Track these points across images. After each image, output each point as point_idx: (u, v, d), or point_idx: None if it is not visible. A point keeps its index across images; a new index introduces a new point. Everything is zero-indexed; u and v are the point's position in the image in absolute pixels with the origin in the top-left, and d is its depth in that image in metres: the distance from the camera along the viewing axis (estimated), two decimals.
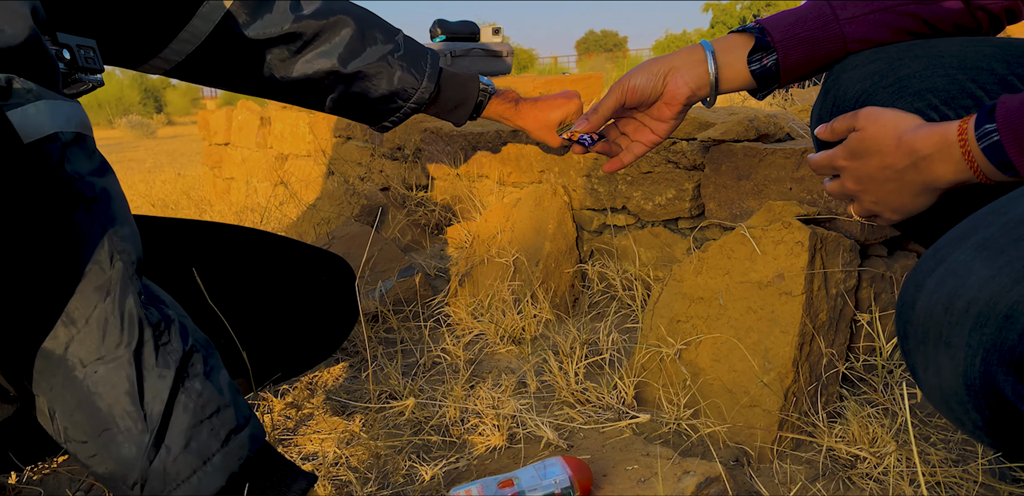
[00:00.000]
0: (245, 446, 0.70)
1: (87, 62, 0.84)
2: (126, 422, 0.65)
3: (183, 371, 0.67)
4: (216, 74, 1.25)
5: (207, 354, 0.71)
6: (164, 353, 0.67)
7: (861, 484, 0.95)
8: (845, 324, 1.12)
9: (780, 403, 1.02)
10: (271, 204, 2.73)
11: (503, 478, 0.90)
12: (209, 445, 0.68)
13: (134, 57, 1.18)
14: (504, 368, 1.37)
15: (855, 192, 0.76)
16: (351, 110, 1.35)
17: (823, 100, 0.85)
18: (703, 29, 25.94)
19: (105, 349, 0.64)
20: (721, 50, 0.91)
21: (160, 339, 0.67)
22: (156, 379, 0.66)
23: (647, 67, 0.95)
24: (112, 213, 0.69)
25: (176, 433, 0.66)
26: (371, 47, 1.27)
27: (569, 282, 1.57)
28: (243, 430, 0.70)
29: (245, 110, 3.54)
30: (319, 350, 1.20)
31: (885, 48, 0.81)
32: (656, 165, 1.44)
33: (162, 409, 0.66)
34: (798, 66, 0.88)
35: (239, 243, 1.15)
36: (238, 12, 1.18)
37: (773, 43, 0.87)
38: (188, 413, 0.67)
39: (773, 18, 0.89)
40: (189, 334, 0.70)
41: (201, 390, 0.68)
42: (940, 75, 0.76)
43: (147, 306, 0.68)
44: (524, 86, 2.36)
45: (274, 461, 0.74)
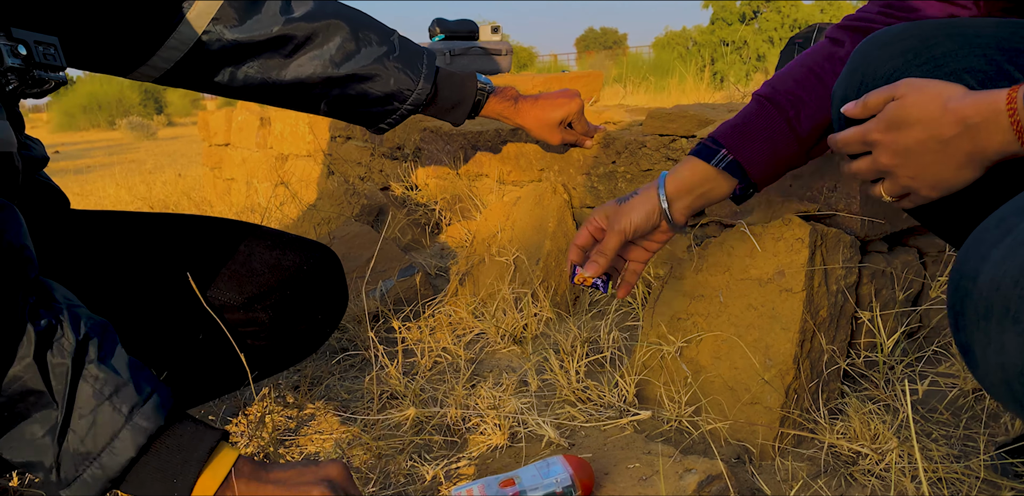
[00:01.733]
0: (151, 418, 0.73)
1: (46, 58, 0.83)
2: (40, 411, 0.70)
3: (79, 359, 0.71)
4: (207, 80, 1.24)
5: (103, 339, 0.74)
6: (59, 347, 0.70)
7: (863, 481, 0.95)
8: (846, 320, 1.12)
9: (781, 400, 1.02)
10: (271, 204, 2.73)
11: (504, 477, 0.90)
12: (114, 422, 0.71)
13: (122, 65, 1.17)
14: (505, 367, 1.37)
15: (890, 167, 0.73)
16: (346, 113, 1.34)
17: (849, 78, 0.81)
18: (703, 25, 25.91)
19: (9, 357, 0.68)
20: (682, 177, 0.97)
21: (54, 335, 0.71)
22: (57, 371, 0.70)
23: (638, 207, 0.98)
24: (16, 227, 0.72)
25: (80, 416, 0.70)
26: (365, 49, 1.26)
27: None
28: (147, 403, 0.74)
29: (245, 111, 3.53)
30: (305, 343, 1.19)
31: (916, 24, 0.78)
32: (656, 163, 1.43)
33: (65, 396, 0.70)
34: (760, 161, 0.94)
35: (210, 233, 1.14)
36: (226, 16, 1.16)
37: (725, 144, 0.95)
38: (89, 396, 0.71)
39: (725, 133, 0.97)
40: (82, 323, 0.73)
41: (98, 374, 0.72)
42: (977, 55, 0.73)
43: (38, 309, 0.71)
44: (524, 84, 2.36)
45: (184, 426, 0.77)
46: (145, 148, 11.60)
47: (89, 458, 0.71)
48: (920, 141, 0.69)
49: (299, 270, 1.13)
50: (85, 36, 1.09)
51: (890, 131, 0.71)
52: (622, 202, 0.99)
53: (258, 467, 0.80)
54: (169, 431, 0.75)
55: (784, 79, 0.96)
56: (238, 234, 1.14)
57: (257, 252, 1.12)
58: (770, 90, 0.96)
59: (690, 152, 0.98)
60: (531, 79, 2.26)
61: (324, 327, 1.19)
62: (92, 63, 1.15)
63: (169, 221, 1.15)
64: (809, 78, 0.94)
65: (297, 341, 1.16)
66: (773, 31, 22.51)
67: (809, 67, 0.95)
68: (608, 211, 1.00)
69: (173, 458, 0.74)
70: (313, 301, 1.15)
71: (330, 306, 1.19)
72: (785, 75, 0.96)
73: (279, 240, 1.15)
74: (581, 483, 0.88)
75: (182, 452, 0.75)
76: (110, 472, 0.72)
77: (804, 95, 0.94)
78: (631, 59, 13.45)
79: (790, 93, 0.94)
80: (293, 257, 1.13)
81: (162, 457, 0.74)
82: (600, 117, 1.75)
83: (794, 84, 0.94)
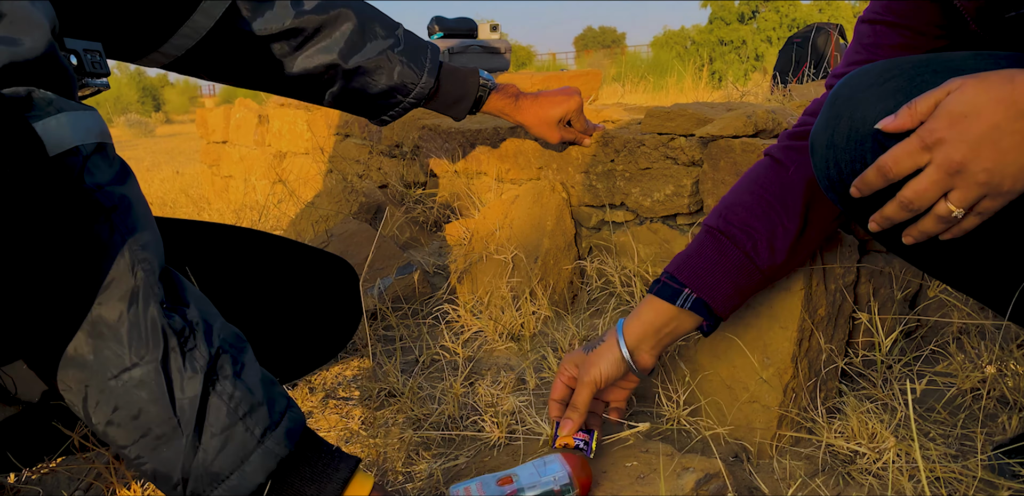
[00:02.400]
0: (282, 443, 0.70)
1: (94, 67, 0.84)
2: (162, 428, 0.66)
3: (212, 374, 0.68)
4: (215, 68, 1.25)
5: (236, 353, 0.71)
6: (191, 358, 0.67)
7: (860, 479, 0.95)
8: (844, 320, 1.12)
9: (779, 399, 1.02)
10: (269, 202, 2.73)
11: (502, 475, 0.90)
12: (245, 444, 0.68)
13: (133, 51, 1.17)
14: (503, 365, 1.37)
15: (963, 163, 0.65)
16: (350, 104, 1.35)
17: (835, 126, 0.76)
18: (701, 25, 25.91)
19: (133, 358, 0.65)
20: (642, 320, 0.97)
21: (186, 345, 0.67)
22: (185, 384, 0.66)
23: (605, 355, 0.97)
24: (132, 222, 0.69)
25: (211, 435, 0.67)
26: (371, 42, 1.26)
27: (568, 279, 1.57)
28: (279, 426, 0.71)
29: (243, 108, 3.53)
30: (321, 352, 1.20)
31: (893, 64, 0.75)
32: (654, 161, 1.43)
33: (195, 413, 0.66)
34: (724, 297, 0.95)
35: (239, 244, 1.15)
36: (240, 8, 1.17)
37: (687, 283, 0.95)
38: (221, 415, 0.67)
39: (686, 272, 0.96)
40: (215, 335, 0.70)
41: (232, 392, 0.68)
42: None
43: (170, 313, 0.68)
44: (522, 82, 2.35)
45: (315, 451, 0.74)
46: (143, 145, 11.58)
47: (219, 479, 0.68)
48: (994, 125, 0.63)
49: (319, 282, 1.14)
50: (104, 24, 1.08)
51: (956, 124, 0.65)
52: (589, 351, 0.99)
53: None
54: (303, 457, 0.72)
55: (735, 209, 0.96)
56: (260, 244, 1.15)
57: (278, 262, 1.12)
58: (723, 223, 0.95)
59: (650, 290, 0.97)
60: (530, 77, 2.26)
61: (340, 337, 1.21)
62: (104, 49, 1.16)
63: (188, 228, 1.15)
64: (760, 205, 0.94)
65: (314, 350, 1.17)
66: (771, 31, 22.53)
67: (759, 194, 0.95)
68: (577, 360, 1.00)
69: (306, 489, 0.71)
70: (330, 311, 1.17)
71: (346, 316, 1.21)
72: (735, 204, 0.96)
73: (301, 251, 1.17)
74: (579, 481, 0.88)
75: (316, 483, 0.72)
76: (240, 494, 0.69)
77: (758, 225, 0.94)
78: (629, 58, 13.45)
79: (744, 224, 0.94)
80: (315, 268, 1.15)
81: (295, 488, 0.71)
82: (599, 116, 1.75)
83: (747, 214, 0.94)
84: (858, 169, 0.74)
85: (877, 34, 0.93)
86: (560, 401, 1.01)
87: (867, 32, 0.95)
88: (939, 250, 0.77)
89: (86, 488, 1.06)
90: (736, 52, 22.39)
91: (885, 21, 0.93)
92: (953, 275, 0.90)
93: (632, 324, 0.97)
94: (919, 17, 0.90)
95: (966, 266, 0.85)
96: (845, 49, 4.27)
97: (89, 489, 1.06)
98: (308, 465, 0.72)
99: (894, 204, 0.71)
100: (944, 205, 0.68)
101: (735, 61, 20.64)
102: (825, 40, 4.26)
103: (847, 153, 0.75)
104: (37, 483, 1.08)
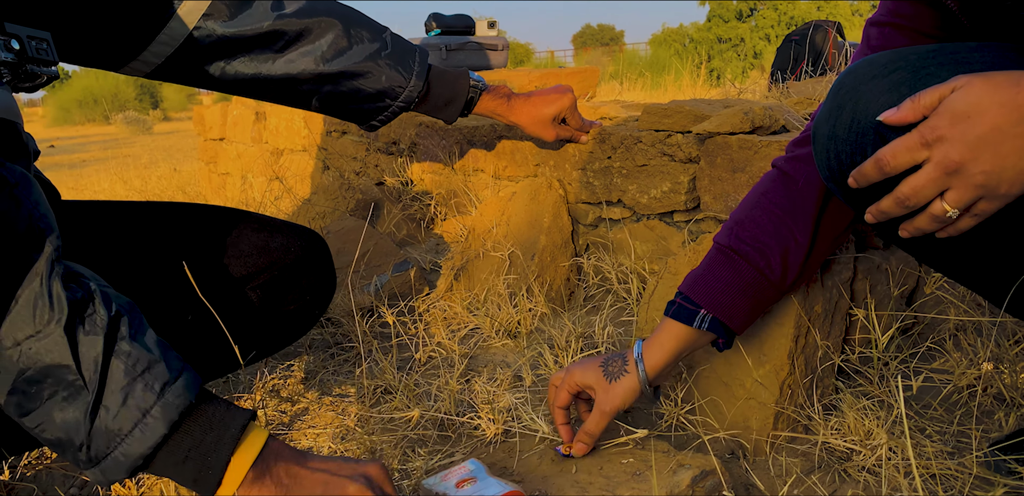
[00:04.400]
0: (182, 395, 0.72)
1: (39, 53, 0.84)
2: (68, 389, 0.69)
3: (112, 336, 0.71)
4: (198, 75, 1.24)
5: (131, 317, 0.74)
6: (91, 322, 0.70)
7: (856, 476, 0.95)
8: (841, 316, 1.12)
9: (776, 396, 1.02)
10: (266, 199, 2.72)
11: (464, 476, 0.92)
12: (145, 399, 0.70)
13: (113, 60, 1.17)
14: (500, 362, 1.37)
15: (961, 163, 0.64)
16: (338, 109, 1.34)
17: (837, 116, 0.76)
18: (700, 23, 25.88)
19: (37, 326, 0.67)
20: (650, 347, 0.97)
21: (86, 310, 0.70)
22: (88, 345, 0.69)
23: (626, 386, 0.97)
24: (35, 197, 0.71)
25: (112, 393, 0.70)
26: (357, 46, 1.26)
27: (565, 276, 1.57)
28: (177, 381, 0.73)
29: (240, 105, 3.52)
30: (296, 325, 1.20)
31: (899, 55, 0.75)
32: (651, 158, 1.43)
33: (98, 372, 0.69)
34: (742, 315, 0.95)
35: (197, 218, 1.15)
36: (217, 12, 1.16)
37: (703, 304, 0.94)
38: (119, 373, 0.70)
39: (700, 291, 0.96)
40: (112, 301, 0.73)
41: (130, 351, 0.71)
42: None
43: (69, 283, 0.70)
44: (520, 79, 2.35)
45: (211, 402, 0.76)
46: (141, 143, 11.56)
47: (120, 435, 0.70)
48: (996, 127, 0.62)
49: (287, 251, 1.14)
50: (77, 31, 1.08)
51: (957, 123, 0.64)
52: (609, 377, 0.98)
53: (297, 452, 0.79)
54: (199, 410, 0.74)
55: (746, 225, 0.95)
56: (226, 218, 1.15)
57: (245, 235, 1.13)
58: (735, 240, 0.95)
59: (667, 313, 0.97)
60: (527, 74, 2.26)
61: (313, 309, 1.21)
62: (83, 58, 1.15)
63: (157, 208, 1.16)
64: (771, 221, 0.94)
65: (287, 323, 1.18)
66: (770, 28, 22.53)
67: (768, 210, 0.95)
68: (592, 380, 0.99)
69: (205, 437, 0.73)
70: (302, 282, 1.16)
71: (319, 288, 1.20)
72: (745, 220, 0.96)
73: (267, 223, 1.17)
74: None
75: (214, 431, 0.74)
76: (142, 449, 0.71)
77: (770, 241, 0.93)
78: (628, 56, 13.44)
79: (756, 241, 0.94)
80: (281, 239, 1.15)
81: (194, 436, 0.73)
82: (596, 113, 1.75)
83: (758, 230, 0.94)
84: (858, 161, 0.73)
85: (885, 37, 0.93)
86: (564, 408, 1.02)
87: (875, 34, 0.94)
88: (937, 242, 0.77)
89: (81, 485, 1.06)
90: (734, 50, 22.40)
91: (892, 23, 0.92)
92: (950, 266, 0.90)
93: (653, 352, 0.96)
94: (921, 20, 0.90)
95: (964, 258, 0.85)
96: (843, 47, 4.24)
97: (84, 487, 1.06)
98: (206, 417, 0.74)
99: (890, 199, 0.70)
100: (939, 204, 0.68)
101: (733, 59, 20.65)
102: (823, 38, 4.26)
103: (848, 144, 0.75)
104: (32, 480, 1.07)
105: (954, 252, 0.84)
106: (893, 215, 0.72)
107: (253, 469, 0.75)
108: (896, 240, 0.89)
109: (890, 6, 0.93)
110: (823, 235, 0.95)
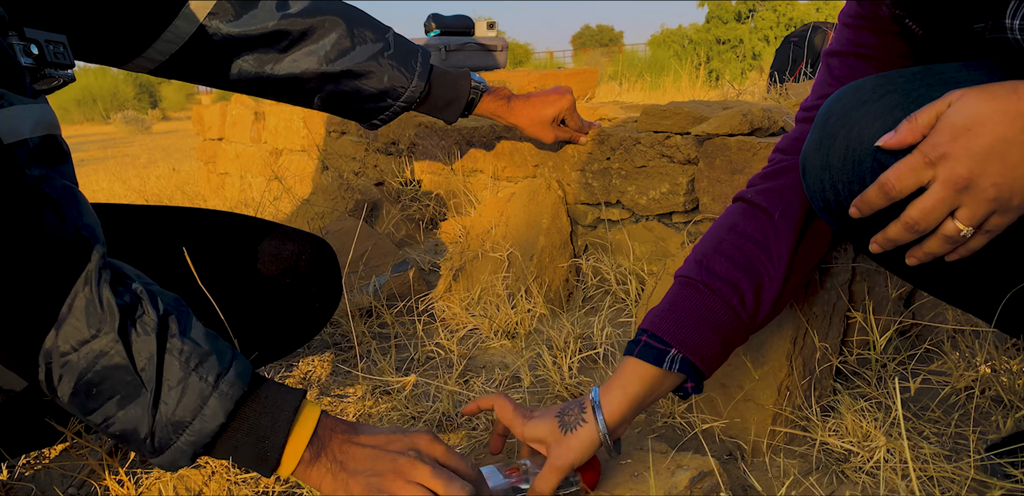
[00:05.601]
0: (235, 384, 0.76)
1: (56, 58, 0.85)
2: (127, 389, 0.72)
3: (163, 334, 0.73)
4: (202, 72, 1.25)
5: (179, 314, 0.76)
6: (142, 323, 0.72)
7: (854, 478, 0.95)
8: (839, 318, 1.12)
9: (773, 397, 1.02)
10: (265, 199, 2.72)
11: (511, 465, 0.92)
12: (202, 392, 0.74)
13: (117, 56, 1.18)
14: (498, 363, 1.37)
15: (971, 179, 0.61)
16: (340, 108, 1.35)
17: (829, 145, 0.73)
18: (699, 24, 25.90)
19: (91, 331, 0.70)
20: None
21: (136, 312, 0.72)
22: (141, 347, 0.72)
23: (582, 439, 0.85)
24: (78, 208, 0.72)
25: (170, 388, 0.73)
26: (360, 46, 1.26)
27: (563, 276, 1.57)
28: (229, 371, 0.76)
29: (239, 105, 3.52)
30: (302, 331, 1.20)
31: (885, 78, 0.73)
32: (650, 159, 1.43)
33: (155, 371, 0.72)
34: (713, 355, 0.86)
35: (210, 225, 1.15)
36: (223, 11, 1.17)
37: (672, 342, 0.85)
38: (175, 369, 0.73)
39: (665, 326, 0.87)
40: (159, 300, 0.75)
41: (182, 347, 0.74)
42: None
43: (119, 288, 0.73)
44: (519, 80, 2.35)
45: (265, 388, 0.80)
46: (139, 142, 11.56)
47: (182, 426, 0.74)
48: (1000, 137, 0.60)
49: (297, 259, 1.15)
50: (83, 28, 1.09)
51: (959, 137, 0.61)
52: (564, 428, 0.86)
53: (348, 426, 0.83)
54: (253, 396, 0.78)
55: (715, 258, 0.89)
56: (237, 225, 1.15)
57: (255, 242, 1.13)
58: (705, 274, 0.88)
59: (628, 352, 0.87)
60: (527, 75, 2.26)
61: (320, 315, 1.21)
62: (88, 53, 1.16)
63: (170, 213, 1.16)
64: (743, 255, 0.88)
65: (293, 330, 1.18)
66: (769, 30, 22.54)
67: (739, 244, 0.89)
68: (542, 435, 0.87)
69: (261, 421, 0.77)
70: (311, 290, 1.17)
71: (327, 296, 1.21)
72: (715, 253, 0.89)
73: (277, 231, 1.17)
74: (584, 474, 0.89)
75: (268, 414, 0.78)
76: (203, 437, 0.75)
77: (742, 276, 0.87)
78: (627, 57, 13.44)
79: (728, 276, 0.87)
80: (291, 247, 1.15)
81: (251, 420, 0.77)
82: (595, 114, 1.75)
83: (729, 264, 0.88)
84: (856, 190, 0.71)
85: (849, 66, 0.90)
86: (502, 435, 0.96)
87: (837, 65, 0.91)
88: (932, 266, 0.74)
89: (79, 485, 1.06)
90: (733, 51, 22.40)
91: (855, 53, 0.90)
92: (946, 289, 0.88)
93: (614, 397, 0.85)
94: (887, 50, 0.88)
95: (960, 280, 0.84)
96: None
97: (83, 486, 1.06)
98: (260, 401, 0.78)
99: (898, 225, 0.67)
100: (952, 224, 0.65)
101: (732, 60, 20.65)
102: (822, 39, 4.26)
103: (844, 174, 0.72)
104: (31, 480, 1.07)
105: (950, 273, 0.82)
106: (901, 242, 0.69)
107: (309, 448, 0.79)
108: (894, 267, 0.88)
109: (850, 36, 0.90)
110: (797, 270, 0.91)
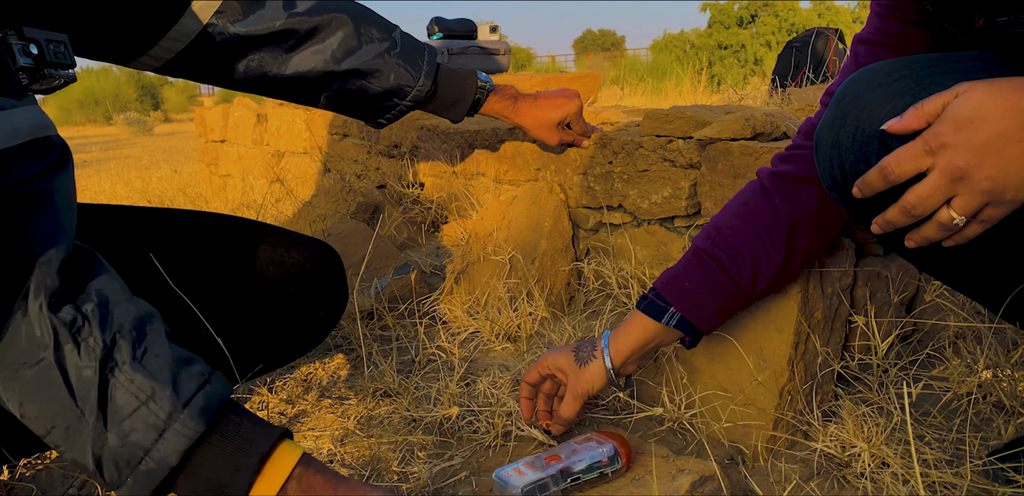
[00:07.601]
0: (194, 421, 0.68)
1: (56, 57, 0.83)
2: (67, 419, 0.66)
3: (108, 360, 0.67)
4: (208, 71, 1.24)
5: (137, 337, 0.70)
6: (85, 348, 0.66)
7: (855, 483, 0.95)
8: (840, 323, 1.12)
9: (775, 402, 1.02)
10: (267, 201, 2.72)
11: (546, 454, 0.95)
12: (154, 427, 0.67)
13: (123, 54, 1.17)
14: (499, 366, 1.37)
15: (966, 169, 0.64)
16: (346, 107, 1.34)
17: (840, 124, 0.75)
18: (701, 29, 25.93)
19: (28, 355, 0.65)
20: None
21: (79, 334, 0.67)
22: (82, 373, 0.66)
23: (594, 371, 1.02)
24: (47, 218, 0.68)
25: (116, 423, 0.66)
26: (367, 45, 1.26)
27: (565, 280, 1.57)
28: (188, 406, 0.68)
29: (242, 107, 3.53)
30: (306, 339, 1.19)
31: (903, 63, 0.74)
32: (652, 163, 1.43)
33: (96, 402, 0.66)
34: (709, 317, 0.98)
35: (217, 230, 1.14)
36: (230, 10, 1.17)
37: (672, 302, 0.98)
38: (122, 400, 0.67)
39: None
40: (112, 321, 0.69)
41: (132, 376, 0.67)
42: None
43: (61, 305, 0.67)
44: (521, 84, 2.35)
45: (234, 426, 0.71)
46: (141, 144, 11.56)
47: (131, 463, 0.67)
48: (1000, 132, 0.62)
49: (303, 267, 1.14)
50: (89, 26, 1.08)
51: (961, 129, 0.63)
52: (580, 362, 1.02)
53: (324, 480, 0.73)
54: (218, 434, 0.70)
55: (723, 231, 0.98)
56: (243, 230, 1.15)
57: (262, 249, 1.12)
58: (711, 245, 0.98)
59: (638, 306, 1.01)
60: (529, 79, 2.26)
61: (325, 323, 1.20)
62: (93, 51, 1.16)
63: (174, 217, 1.15)
64: (747, 231, 0.97)
65: (298, 337, 1.17)
66: (771, 35, 22.55)
67: (747, 220, 0.97)
68: (563, 365, 1.04)
69: (223, 466, 0.69)
70: (316, 298, 1.16)
71: (331, 303, 1.20)
72: (724, 227, 0.98)
73: (283, 237, 1.16)
74: (624, 452, 0.94)
75: (232, 460, 0.69)
76: (152, 479, 0.67)
77: (744, 250, 0.96)
78: (629, 61, 13.45)
79: (731, 249, 0.96)
80: (297, 254, 1.14)
81: (209, 465, 0.69)
82: (597, 118, 1.75)
83: (734, 238, 0.97)
84: (862, 170, 0.73)
85: (874, 55, 0.93)
86: (533, 385, 1.07)
87: (863, 52, 0.95)
88: (938, 249, 0.77)
89: (80, 486, 1.06)
90: (735, 56, 22.43)
91: (881, 42, 0.92)
92: (950, 273, 0.90)
93: (619, 341, 1.01)
94: (910, 40, 0.90)
95: (964, 264, 0.85)
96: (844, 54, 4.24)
97: (83, 487, 1.06)
98: (226, 441, 0.70)
99: (896, 208, 0.70)
100: (946, 212, 0.67)
101: (734, 65, 20.67)
102: (824, 45, 4.27)
103: (852, 153, 0.74)
104: (31, 480, 1.07)
105: (955, 258, 0.84)
106: (899, 225, 0.71)
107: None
108: (899, 249, 0.89)
109: (878, 24, 0.93)
110: (795, 253, 0.97)
